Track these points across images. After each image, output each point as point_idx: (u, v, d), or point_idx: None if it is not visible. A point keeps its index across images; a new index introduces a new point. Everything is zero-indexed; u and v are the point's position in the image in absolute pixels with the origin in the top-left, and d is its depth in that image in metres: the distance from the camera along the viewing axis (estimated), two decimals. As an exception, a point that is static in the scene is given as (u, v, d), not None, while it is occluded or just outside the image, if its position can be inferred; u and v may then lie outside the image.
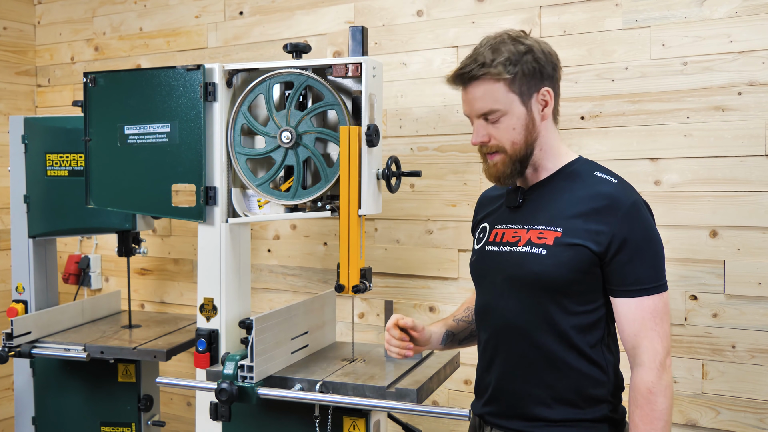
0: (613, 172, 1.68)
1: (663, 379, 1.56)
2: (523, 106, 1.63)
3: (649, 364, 1.57)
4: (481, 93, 1.62)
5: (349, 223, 2.07)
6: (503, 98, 1.61)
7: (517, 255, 1.64)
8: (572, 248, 1.58)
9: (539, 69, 1.63)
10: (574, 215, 1.60)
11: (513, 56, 1.61)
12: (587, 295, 1.61)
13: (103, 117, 2.36)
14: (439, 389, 2.37)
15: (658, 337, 1.57)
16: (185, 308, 3.32)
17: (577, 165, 1.69)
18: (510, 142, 1.64)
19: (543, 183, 1.69)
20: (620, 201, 1.59)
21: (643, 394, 1.56)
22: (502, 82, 1.60)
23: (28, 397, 2.87)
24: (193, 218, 2.26)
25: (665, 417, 1.55)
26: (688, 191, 2.31)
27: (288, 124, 2.18)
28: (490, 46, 1.63)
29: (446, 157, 2.69)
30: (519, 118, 1.63)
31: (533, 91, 1.64)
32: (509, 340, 1.66)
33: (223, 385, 1.96)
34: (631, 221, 1.58)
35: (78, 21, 3.59)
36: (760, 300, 2.22)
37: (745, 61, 2.22)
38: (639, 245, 1.57)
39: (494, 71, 1.59)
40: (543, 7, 2.50)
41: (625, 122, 2.38)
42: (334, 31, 2.90)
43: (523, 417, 1.65)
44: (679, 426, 2.34)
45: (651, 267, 1.59)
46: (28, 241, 2.93)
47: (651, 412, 1.55)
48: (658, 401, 1.55)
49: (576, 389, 1.61)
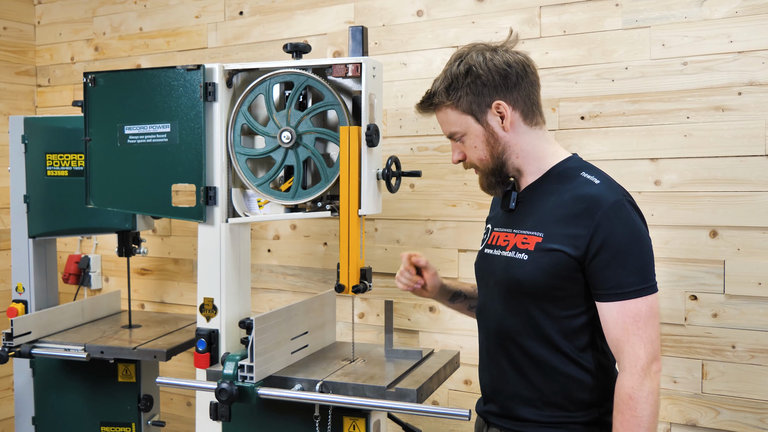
0: (600, 172, 1.65)
1: (645, 385, 1.51)
2: (478, 124, 1.68)
3: (630, 369, 1.52)
4: (441, 118, 1.73)
5: (349, 223, 2.07)
6: (458, 120, 1.69)
7: (504, 260, 1.67)
8: (550, 254, 1.58)
9: (482, 85, 1.64)
10: (555, 220, 1.60)
11: (453, 81, 1.67)
12: (570, 299, 1.60)
13: (103, 117, 2.36)
14: (439, 389, 2.37)
15: (640, 342, 1.52)
16: (185, 308, 3.32)
17: (565, 166, 1.68)
18: (477, 158, 1.71)
19: (533, 186, 1.71)
20: (599, 202, 1.55)
21: (623, 400, 1.52)
22: (450, 108, 1.68)
23: (28, 397, 2.87)
24: (193, 218, 2.26)
25: (646, 424, 1.50)
26: (688, 191, 2.31)
27: (288, 124, 2.18)
28: (443, 72, 1.71)
29: (446, 157, 2.69)
30: (477, 136, 1.68)
31: (485, 107, 1.66)
32: (499, 342, 1.69)
33: (223, 385, 1.96)
34: (610, 222, 1.53)
35: (78, 21, 3.59)
36: (760, 300, 2.22)
37: (745, 61, 2.22)
38: (619, 247, 1.53)
39: (437, 101, 1.69)
40: (543, 7, 2.50)
41: (625, 122, 2.38)
42: (334, 31, 2.90)
43: (515, 417, 1.67)
44: (679, 426, 2.34)
45: (634, 270, 1.53)
46: (28, 241, 2.93)
47: (631, 419, 1.51)
48: (638, 407, 1.50)
49: (564, 393, 1.61)
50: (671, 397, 2.35)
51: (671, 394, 2.35)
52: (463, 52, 1.69)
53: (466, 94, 1.66)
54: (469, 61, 1.65)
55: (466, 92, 1.66)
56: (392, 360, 2.20)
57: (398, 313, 2.77)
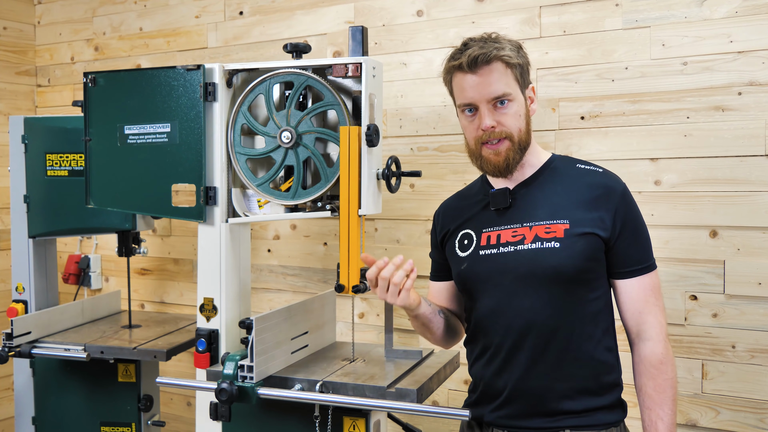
0: (591, 162, 1.76)
1: (669, 350, 1.65)
2: (522, 96, 1.69)
3: (657, 337, 1.65)
4: (495, 77, 1.64)
5: (349, 223, 2.07)
6: (513, 84, 1.67)
7: (528, 252, 1.65)
8: (584, 237, 1.62)
9: (527, 64, 1.72)
10: (576, 206, 1.65)
11: (514, 47, 1.68)
12: (596, 282, 1.66)
13: (103, 117, 2.36)
14: (439, 389, 2.37)
15: (660, 311, 1.67)
16: (185, 308, 3.32)
17: (557, 161, 1.76)
18: (517, 128, 1.67)
19: (528, 182, 1.73)
20: (613, 188, 1.68)
21: (655, 366, 1.64)
22: (511, 69, 1.66)
23: (28, 397, 2.87)
24: (193, 218, 2.26)
25: (675, 385, 1.65)
26: (688, 191, 2.31)
27: (288, 124, 2.18)
28: (487, 37, 1.68)
29: (446, 157, 2.69)
30: (521, 106, 1.69)
31: (525, 85, 1.71)
32: (529, 338, 1.65)
33: (223, 385, 1.96)
34: (626, 205, 1.67)
35: (78, 21, 3.59)
36: (760, 300, 2.22)
37: (745, 61, 2.22)
38: (636, 227, 1.67)
39: (509, 54, 1.65)
40: (543, 7, 2.50)
41: (625, 122, 2.38)
42: (334, 31, 2.90)
43: (546, 413, 1.65)
44: (679, 426, 2.34)
45: (647, 246, 1.69)
46: (28, 241, 2.93)
47: (664, 382, 1.63)
48: (668, 371, 1.64)
49: (595, 377, 1.66)
50: (671, 397, 2.35)
51: (671, 394, 2.35)
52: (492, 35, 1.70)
53: (521, 65, 1.68)
54: (514, 42, 1.70)
55: (521, 63, 1.68)
56: (392, 360, 2.20)
57: (398, 313, 2.77)
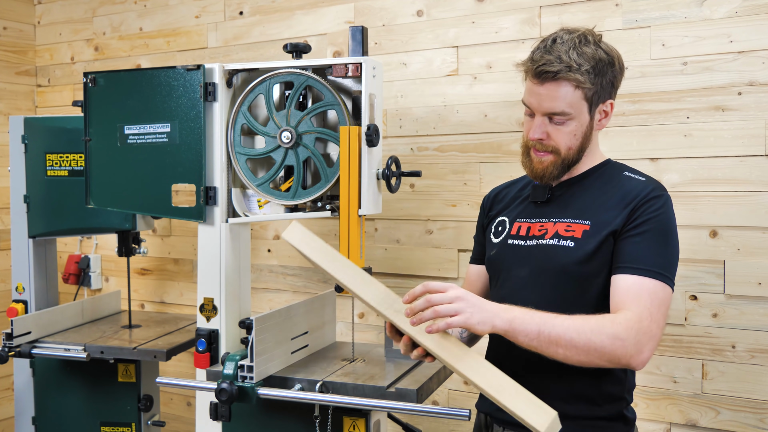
0: (641, 172, 1.68)
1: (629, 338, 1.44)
2: (588, 115, 1.62)
3: (628, 320, 1.46)
4: (557, 93, 1.58)
5: (349, 223, 2.07)
6: (577, 104, 1.59)
7: (545, 248, 1.64)
8: (600, 241, 1.58)
9: (613, 82, 1.63)
10: (603, 210, 1.61)
11: (599, 65, 1.58)
12: (607, 288, 1.59)
13: (103, 117, 2.36)
14: (439, 389, 2.37)
15: (648, 314, 1.47)
16: (185, 308, 3.32)
17: (607, 166, 1.71)
18: (567, 146, 1.63)
19: (573, 181, 1.70)
20: (642, 191, 1.59)
21: (610, 318, 1.47)
22: (581, 90, 1.58)
23: (28, 397, 2.87)
24: (193, 218, 2.26)
25: (600, 347, 1.44)
26: (688, 191, 2.31)
27: (288, 124, 2.18)
28: (574, 47, 1.57)
29: (446, 157, 2.69)
30: (581, 125, 1.62)
31: (601, 102, 1.63)
32: None
33: (223, 385, 1.96)
34: (648, 207, 1.56)
35: (78, 21, 3.59)
36: (760, 300, 2.22)
37: (745, 61, 2.22)
38: (654, 232, 1.55)
39: (579, 78, 1.56)
40: (543, 7, 2.50)
41: (625, 122, 2.38)
42: (334, 31, 2.90)
43: None
44: (679, 426, 2.34)
45: (658, 254, 1.54)
46: (28, 241, 2.93)
47: (599, 326, 1.45)
48: (616, 330, 1.44)
49: (596, 385, 1.60)
50: (671, 397, 2.35)
51: (671, 394, 2.35)
52: (592, 36, 1.60)
53: (601, 84, 1.59)
54: (613, 53, 1.61)
55: (602, 82, 1.59)
56: (392, 360, 2.20)
57: (398, 313, 2.77)
